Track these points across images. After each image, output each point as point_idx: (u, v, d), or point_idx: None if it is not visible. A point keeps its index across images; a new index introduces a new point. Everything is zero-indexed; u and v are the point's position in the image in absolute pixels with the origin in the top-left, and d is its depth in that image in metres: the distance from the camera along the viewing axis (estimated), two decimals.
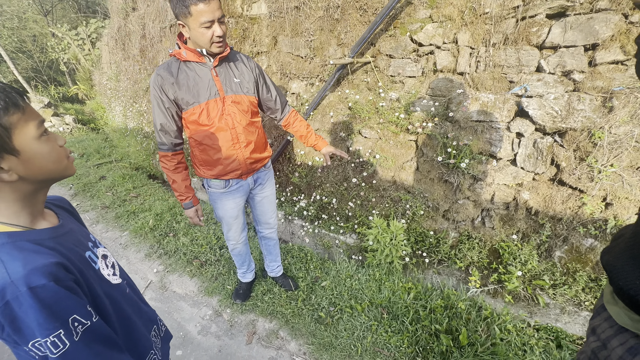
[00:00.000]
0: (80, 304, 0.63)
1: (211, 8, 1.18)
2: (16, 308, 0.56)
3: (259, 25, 3.01)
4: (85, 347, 0.62)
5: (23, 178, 0.61)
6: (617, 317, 0.65)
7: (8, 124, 0.56)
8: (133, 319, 0.83)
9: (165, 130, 1.44)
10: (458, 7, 2.05)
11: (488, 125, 1.97)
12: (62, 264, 0.64)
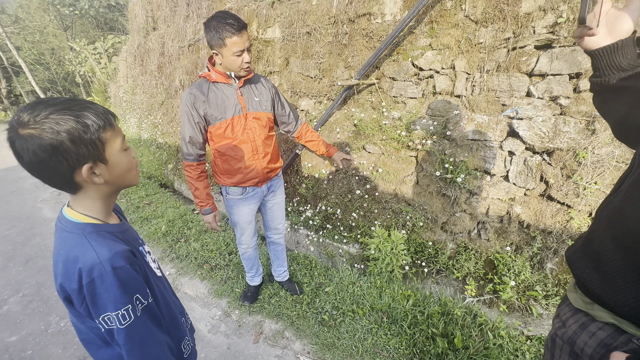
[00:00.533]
0: (142, 285, 0.78)
1: (242, 40, 1.40)
2: (99, 284, 0.69)
3: (273, 48, 3.27)
4: (143, 322, 0.75)
5: (106, 182, 0.76)
6: (575, 302, 0.79)
7: (104, 138, 0.72)
8: (172, 309, 0.97)
9: (193, 142, 1.62)
10: (455, 37, 2.27)
11: (482, 144, 2.14)
12: (132, 251, 0.79)
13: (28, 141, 0.63)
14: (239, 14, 3.46)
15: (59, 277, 0.72)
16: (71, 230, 0.74)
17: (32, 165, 0.66)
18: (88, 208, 0.77)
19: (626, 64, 0.73)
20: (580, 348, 0.75)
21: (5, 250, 2.96)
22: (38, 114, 0.65)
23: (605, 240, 0.71)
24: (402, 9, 2.41)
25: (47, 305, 2.26)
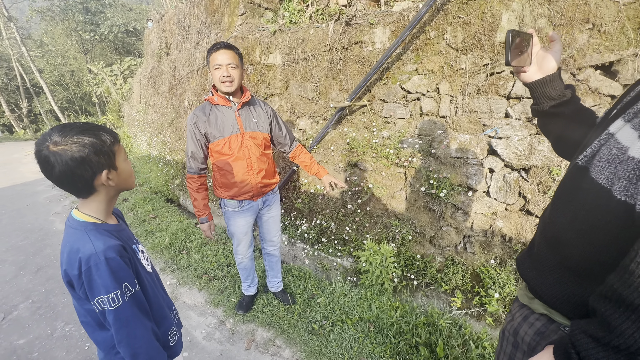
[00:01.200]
0: (130, 275, 0.93)
1: (221, 55, 1.64)
2: (94, 271, 0.86)
3: (274, 72, 3.51)
4: (130, 307, 0.90)
5: (115, 185, 0.94)
6: (521, 298, 0.90)
7: (114, 150, 0.91)
8: (160, 301, 1.11)
9: (194, 157, 1.80)
10: (439, 63, 2.45)
11: (465, 161, 2.27)
12: (123, 246, 0.95)
13: (61, 155, 0.81)
14: (244, 42, 3.75)
15: (63, 264, 0.88)
16: (76, 227, 0.91)
17: (62, 175, 0.83)
18: (93, 210, 0.94)
19: (555, 94, 0.89)
20: (521, 337, 0.85)
21: (18, 260, 3.13)
22: (67, 134, 0.83)
23: (541, 243, 0.83)
24: (390, 38, 2.63)
25: (54, 312, 2.39)
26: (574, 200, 0.72)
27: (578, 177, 0.72)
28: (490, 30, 2.20)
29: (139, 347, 0.92)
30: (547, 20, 2.03)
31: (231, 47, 1.68)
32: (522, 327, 0.85)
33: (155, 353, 0.95)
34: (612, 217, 0.62)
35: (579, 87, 1.98)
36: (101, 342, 0.96)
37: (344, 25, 2.86)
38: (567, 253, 0.73)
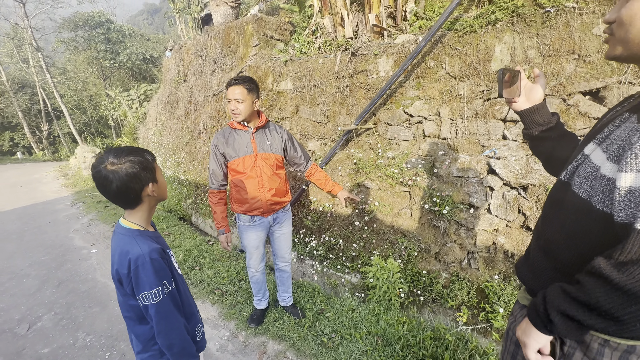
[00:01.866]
0: (168, 274, 1.08)
1: (232, 91, 1.86)
2: (141, 270, 1.01)
3: (285, 98, 3.77)
4: (168, 302, 1.05)
5: (156, 195, 1.11)
6: (521, 300, 1.00)
7: (154, 166, 1.09)
8: (189, 299, 1.25)
9: (215, 174, 2.00)
10: (438, 89, 2.65)
11: (466, 180, 2.40)
12: (162, 249, 1.10)
13: (118, 172, 0.98)
14: (257, 70, 4.05)
15: (115, 264, 1.04)
16: (124, 233, 1.07)
17: (118, 189, 1.00)
18: (137, 219, 1.11)
19: (542, 121, 1.04)
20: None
21: (41, 274, 3.29)
22: (119, 155, 1.01)
23: (535, 249, 0.95)
24: (393, 67, 2.86)
25: (75, 323, 2.50)
26: (561, 211, 0.84)
27: (562, 191, 0.85)
28: (485, 60, 2.40)
29: (174, 338, 1.06)
30: (537, 51, 2.22)
31: (241, 83, 1.87)
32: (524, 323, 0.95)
33: (187, 345, 1.08)
34: (594, 225, 0.73)
35: (570, 111, 2.14)
36: (140, 334, 1.09)
37: (350, 55, 3.11)
38: (557, 257, 0.84)
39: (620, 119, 0.76)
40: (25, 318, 2.57)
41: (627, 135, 0.69)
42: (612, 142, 0.73)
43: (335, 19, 3.53)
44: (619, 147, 0.69)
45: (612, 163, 0.70)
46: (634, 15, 0.66)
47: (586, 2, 2.07)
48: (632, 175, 0.62)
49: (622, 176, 0.64)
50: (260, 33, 4.37)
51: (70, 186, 7.52)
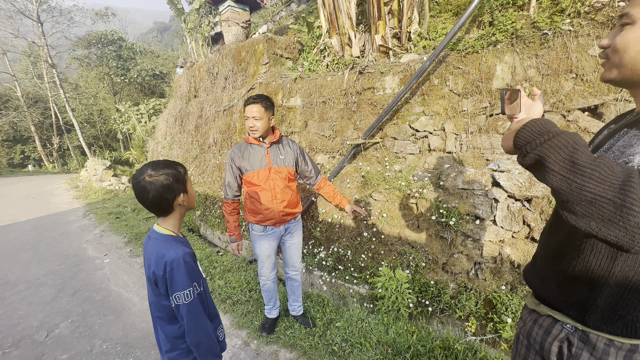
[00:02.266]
0: (198, 277, 1.18)
1: (250, 109, 1.99)
2: (175, 272, 1.10)
3: (294, 113, 3.92)
4: (197, 303, 1.14)
5: (186, 205, 1.21)
6: (529, 304, 1.06)
7: (185, 177, 1.20)
8: (212, 302, 1.33)
9: (230, 185, 2.11)
10: (443, 106, 2.77)
11: (471, 192, 2.48)
12: (193, 253, 1.20)
13: (155, 183, 1.10)
14: (267, 87, 4.23)
15: (151, 267, 1.13)
16: (159, 238, 1.18)
17: (154, 198, 1.11)
18: (170, 225, 1.22)
19: None
20: (534, 338, 0.99)
21: (56, 283, 3.38)
22: (156, 168, 1.13)
23: (542, 256, 1.02)
24: (399, 84, 3.00)
25: (91, 331, 2.57)
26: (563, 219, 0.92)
27: None
28: (487, 78, 2.52)
29: (202, 337, 1.14)
30: (536, 70, 2.35)
31: (258, 102, 2.00)
32: (533, 329, 0.99)
33: (213, 344, 1.17)
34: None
35: (570, 126, 2.24)
36: (169, 333, 1.18)
37: (358, 73, 3.27)
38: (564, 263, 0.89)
39: (619, 133, 0.83)
40: (43, 325, 2.64)
41: (627, 142, 0.76)
42: (613, 153, 0.80)
43: (342, 39, 3.72)
44: (621, 153, 0.76)
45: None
46: (627, 43, 0.73)
47: (581, 25, 2.21)
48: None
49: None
50: (271, 52, 4.59)
51: (82, 198, 7.68)
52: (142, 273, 3.60)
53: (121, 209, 6.24)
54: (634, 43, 0.72)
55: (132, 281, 3.40)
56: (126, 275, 3.53)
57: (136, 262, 3.89)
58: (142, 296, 3.09)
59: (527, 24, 2.49)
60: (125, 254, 4.15)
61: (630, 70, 0.75)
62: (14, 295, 3.15)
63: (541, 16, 2.44)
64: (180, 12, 7.87)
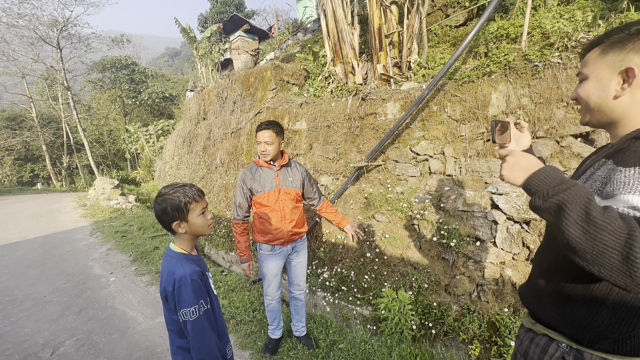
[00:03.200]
0: (205, 295, 1.24)
1: (262, 134, 2.10)
2: (183, 289, 1.17)
3: (300, 136, 4.08)
4: (203, 320, 1.19)
5: (187, 232, 1.29)
6: (526, 324, 1.11)
7: (188, 208, 1.26)
8: (222, 319, 1.39)
9: (240, 206, 2.20)
10: (442, 131, 2.90)
11: (471, 214, 2.55)
12: (202, 272, 1.28)
13: (158, 204, 1.23)
14: (274, 111, 4.42)
15: (163, 283, 1.21)
16: (172, 256, 1.26)
17: (156, 217, 1.25)
18: (181, 245, 1.30)
19: None
20: (531, 357, 1.03)
21: (62, 301, 3.42)
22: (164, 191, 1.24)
23: (537, 274, 1.07)
24: (400, 110, 3.15)
25: (96, 349, 2.59)
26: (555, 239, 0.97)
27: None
28: (483, 106, 2.66)
29: (206, 355, 1.19)
30: (529, 99, 2.48)
31: (270, 127, 2.13)
32: (530, 348, 1.03)
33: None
34: None
35: (564, 152, 2.34)
36: (179, 346, 1.23)
37: (361, 99, 3.44)
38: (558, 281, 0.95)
39: (599, 163, 0.92)
40: (49, 343, 2.67)
41: (606, 174, 0.85)
42: (595, 181, 0.88)
43: (346, 67, 3.94)
44: (601, 184, 0.85)
45: (597, 197, 0.85)
46: (587, 93, 0.90)
47: (569, 58, 2.36)
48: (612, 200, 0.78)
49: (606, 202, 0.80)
50: (278, 78, 4.83)
51: (89, 216, 7.80)
52: (146, 292, 3.63)
53: (127, 228, 6.32)
54: (592, 91, 0.88)
55: (137, 300, 3.43)
56: (131, 294, 3.56)
57: (141, 280, 3.93)
58: (146, 315, 3.11)
59: (519, 56, 2.66)
60: (131, 273, 4.19)
61: (598, 113, 0.89)
62: (21, 312, 3.19)
63: (532, 49, 2.61)
64: (192, 40, 8.33)
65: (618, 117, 0.86)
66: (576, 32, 2.48)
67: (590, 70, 0.89)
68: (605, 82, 0.85)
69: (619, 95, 0.83)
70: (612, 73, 0.84)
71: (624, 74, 0.82)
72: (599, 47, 0.87)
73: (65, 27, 18.15)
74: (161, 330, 2.84)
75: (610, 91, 0.85)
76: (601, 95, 0.86)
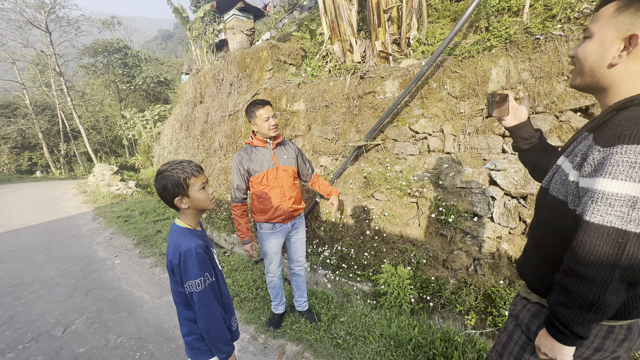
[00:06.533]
0: (210, 268, 1.28)
1: (266, 110, 2.09)
2: (189, 261, 1.21)
3: (298, 117, 4.05)
4: (208, 292, 1.23)
5: (189, 208, 1.30)
6: (521, 292, 1.15)
7: (188, 183, 1.26)
8: (227, 292, 1.44)
9: (239, 188, 2.21)
10: (441, 108, 2.89)
11: (469, 191, 2.58)
12: (206, 245, 1.31)
13: (158, 182, 1.23)
14: (272, 92, 4.37)
15: (169, 256, 1.24)
16: (177, 230, 1.29)
17: (157, 193, 1.26)
18: (186, 220, 1.32)
19: (527, 135, 1.24)
20: (521, 320, 1.08)
21: (70, 283, 3.50)
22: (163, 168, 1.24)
23: (530, 246, 1.11)
24: (399, 88, 3.12)
25: (106, 327, 2.68)
26: (544, 212, 1.01)
27: (543, 195, 1.02)
28: (482, 82, 2.64)
29: (212, 324, 1.24)
30: (529, 73, 2.45)
31: (268, 102, 2.15)
32: (522, 312, 1.08)
33: (223, 332, 1.26)
34: (570, 222, 0.88)
35: (563, 126, 2.34)
36: (187, 318, 1.28)
37: (359, 78, 3.40)
38: (547, 251, 0.99)
39: (582, 136, 0.93)
40: (60, 322, 2.76)
41: (586, 149, 0.86)
42: (575, 155, 0.90)
43: (344, 45, 3.85)
44: (580, 159, 0.87)
45: (576, 171, 0.87)
46: (586, 53, 0.87)
47: (571, 30, 2.32)
48: (587, 179, 0.81)
49: (582, 180, 0.83)
50: (275, 58, 4.74)
51: (90, 202, 7.85)
52: (152, 273, 3.71)
53: (129, 213, 6.38)
54: (591, 53, 0.85)
55: (142, 280, 3.51)
56: (137, 275, 3.65)
57: (146, 262, 4.01)
58: (152, 294, 3.20)
59: (521, 30, 2.60)
60: (135, 255, 4.27)
61: (590, 77, 0.88)
62: (31, 294, 3.28)
63: (534, 22, 2.56)
64: (185, 20, 8.09)
65: (608, 85, 0.85)
66: (580, 2, 2.42)
67: (598, 28, 0.84)
68: (607, 45, 0.82)
69: (615, 64, 0.82)
70: (617, 37, 0.80)
71: (627, 40, 0.79)
72: (616, 3, 0.81)
73: (52, 9, 17.55)
74: (168, 308, 2.93)
75: (608, 57, 0.82)
76: (598, 59, 0.84)
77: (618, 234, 0.73)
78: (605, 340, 0.90)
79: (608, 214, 0.74)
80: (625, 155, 0.72)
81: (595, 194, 0.76)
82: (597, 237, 0.75)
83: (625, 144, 0.72)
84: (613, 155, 0.74)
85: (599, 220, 0.75)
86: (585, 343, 0.90)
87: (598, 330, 0.90)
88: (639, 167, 0.70)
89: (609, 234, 0.74)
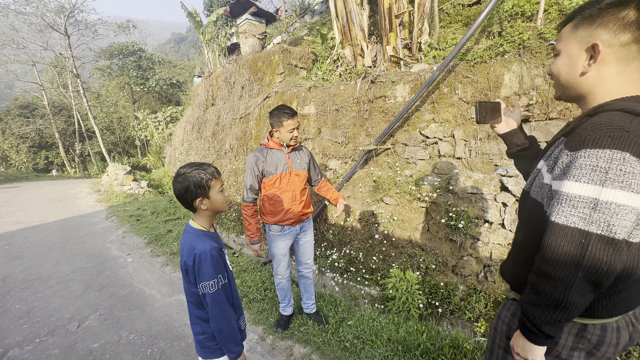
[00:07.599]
0: (223, 270, 1.31)
1: (294, 122, 2.13)
2: (203, 263, 1.24)
3: (308, 120, 4.09)
4: (221, 294, 1.26)
5: (208, 209, 1.34)
6: (505, 293, 1.17)
7: (209, 184, 1.31)
8: (237, 293, 1.47)
9: (252, 189, 2.25)
10: (452, 113, 2.88)
11: (480, 197, 2.56)
12: (220, 248, 1.34)
13: (178, 183, 1.26)
14: (283, 95, 4.42)
15: (184, 257, 1.28)
16: (192, 232, 1.32)
17: (178, 196, 1.29)
18: (201, 222, 1.36)
19: (519, 142, 1.26)
20: (502, 319, 1.10)
21: (84, 279, 3.60)
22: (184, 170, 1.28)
23: (513, 247, 1.13)
24: (409, 93, 3.12)
25: (118, 323, 2.75)
26: (525, 215, 1.04)
27: (525, 199, 1.05)
28: (495, 87, 2.62)
29: (224, 325, 1.26)
30: (543, 79, 2.43)
31: (296, 113, 2.21)
32: (502, 312, 1.10)
33: (234, 332, 1.29)
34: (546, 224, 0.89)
35: None
36: (199, 316, 1.32)
37: (370, 82, 3.42)
38: (527, 252, 1.00)
39: (558, 141, 0.95)
40: (75, 317, 2.84)
41: (558, 153, 0.89)
42: (550, 159, 0.93)
43: (355, 50, 3.88)
44: (553, 162, 0.90)
45: (549, 174, 0.90)
46: (558, 69, 0.93)
47: None
48: (556, 182, 0.84)
49: (553, 183, 0.86)
50: (286, 62, 4.80)
51: (104, 201, 8.04)
52: (162, 272, 3.78)
53: (141, 212, 6.51)
54: (562, 67, 0.91)
55: (153, 279, 3.58)
56: (148, 274, 3.72)
57: (157, 261, 4.09)
58: (163, 293, 3.26)
59: (534, 35, 2.58)
60: (147, 254, 4.36)
61: (567, 89, 0.93)
62: (47, 289, 3.38)
63: (548, 27, 2.54)
64: (198, 24, 8.25)
65: (585, 92, 0.89)
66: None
67: (563, 45, 0.91)
68: (574, 58, 0.87)
69: (586, 72, 0.85)
70: (581, 49, 0.85)
71: (590, 50, 0.83)
72: (572, 22, 0.88)
73: (72, 13, 18.12)
74: (178, 307, 2.98)
75: (578, 68, 0.87)
76: (569, 71, 0.89)
77: (581, 235, 0.76)
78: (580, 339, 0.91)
79: (572, 215, 0.77)
80: (588, 159, 0.75)
81: (560, 195, 0.80)
82: (561, 237, 0.78)
83: (589, 148, 0.75)
84: (577, 159, 0.77)
85: (563, 220, 0.78)
86: (560, 342, 0.92)
87: (570, 328, 0.91)
88: (601, 171, 0.73)
89: (572, 234, 0.77)
